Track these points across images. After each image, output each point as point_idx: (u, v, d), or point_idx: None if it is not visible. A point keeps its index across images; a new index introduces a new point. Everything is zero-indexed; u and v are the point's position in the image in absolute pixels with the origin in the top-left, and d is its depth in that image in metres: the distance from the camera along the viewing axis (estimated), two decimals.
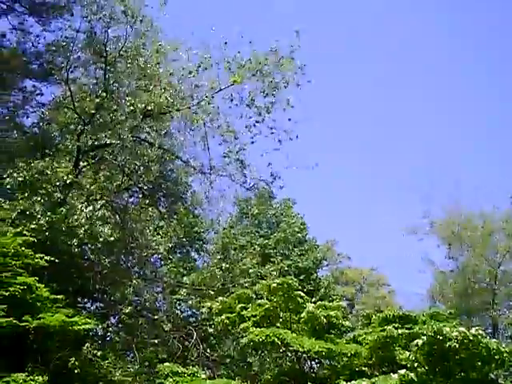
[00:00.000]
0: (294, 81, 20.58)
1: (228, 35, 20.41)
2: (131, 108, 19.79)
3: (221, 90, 20.75)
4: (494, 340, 16.30)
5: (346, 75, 67.26)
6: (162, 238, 24.71)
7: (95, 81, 20.89)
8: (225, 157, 21.61)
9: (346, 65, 65.64)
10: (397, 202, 60.82)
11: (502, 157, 60.20)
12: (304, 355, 18.88)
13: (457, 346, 14.83)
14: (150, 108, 19.77)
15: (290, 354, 19.51)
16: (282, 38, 20.56)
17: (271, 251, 32.97)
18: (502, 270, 35.28)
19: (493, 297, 34.44)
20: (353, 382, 15.00)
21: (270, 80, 20.58)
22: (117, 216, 21.64)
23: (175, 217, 24.38)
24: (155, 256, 25.11)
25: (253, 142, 21.17)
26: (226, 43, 20.38)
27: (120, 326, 23.26)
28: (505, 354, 15.50)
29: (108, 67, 20.11)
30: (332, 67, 56.31)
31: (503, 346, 15.84)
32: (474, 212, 36.65)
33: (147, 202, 23.08)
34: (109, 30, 19.78)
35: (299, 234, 36.17)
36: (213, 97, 20.55)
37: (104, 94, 19.72)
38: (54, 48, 20.94)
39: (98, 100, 19.71)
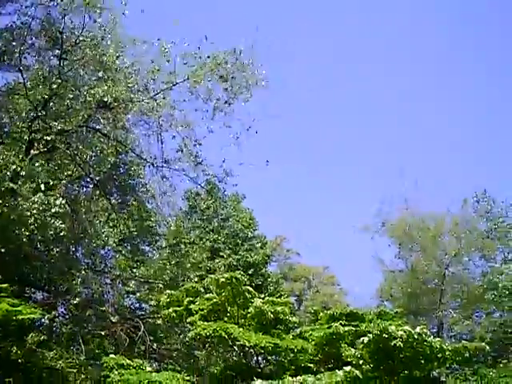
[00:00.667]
0: (252, 80, 20.67)
1: (191, 33, 20.49)
2: (86, 97, 19.58)
3: (177, 83, 20.68)
4: (438, 339, 16.76)
5: (304, 74, 67.65)
6: (112, 229, 24.62)
7: (50, 68, 20.54)
8: (178, 151, 21.57)
9: (302, 64, 65.96)
10: (354, 203, 61.64)
11: (460, 161, 61.53)
12: (251, 350, 19.04)
13: (401, 344, 15.18)
14: (105, 99, 19.58)
15: (236, 349, 19.64)
16: (248, 36, 20.68)
17: (221, 246, 33.05)
18: (450, 271, 36.03)
19: (440, 297, 35.17)
20: (298, 377, 15.16)
21: (229, 77, 20.61)
22: (67, 206, 21.40)
23: (126, 209, 24.25)
24: (105, 248, 24.95)
25: (211, 132, 21.09)
26: (185, 39, 20.36)
27: (67, 316, 23.06)
28: (447, 353, 15.99)
29: (64, 55, 19.82)
30: (289, 65, 56.61)
31: (446, 344, 16.34)
32: (426, 213, 37.28)
33: (98, 192, 22.88)
34: (65, 18, 19.46)
35: (248, 229, 36.28)
36: (171, 88, 20.46)
37: (59, 82, 19.42)
38: (6, 34, 20.51)
39: (51, 88, 19.42)
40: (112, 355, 17.68)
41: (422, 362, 16.30)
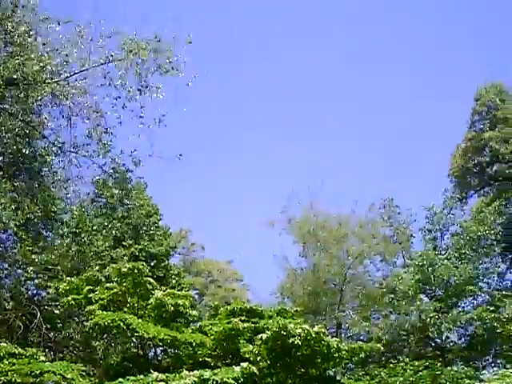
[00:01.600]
0: (169, 70, 20.48)
1: (110, 17, 20.08)
2: None
3: (91, 67, 20.24)
4: (335, 339, 17.23)
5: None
6: (14, 213, 23.83)
7: None
8: (88, 137, 21.13)
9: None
10: (261, 199, 62.04)
11: (368, 166, 63.07)
12: (149, 342, 18.93)
13: (299, 342, 15.53)
14: (14, 76, 18.92)
15: (135, 340, 19.48)
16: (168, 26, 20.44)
17: (124, 235, 32.53)
18: (351, 272, 36.79)
19: (340, 298, 35.95)
20: (195, 372, 15.14)
21: (144, 65, 20.35)
22: None
23: (30, 193, 23.55)
24: (6, 232, 24.14)
25: (120, 123, 20.77)
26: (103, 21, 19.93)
27: None
28: (343, 352, 16.47)
29: None
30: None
31: (343, 344, 16.79)
32: (331, 214, 37.80)
33: (1, 174, 22.12)
34: None
35: (152, 219, 35.85)
36: (85, 72, 19.96)
37: None
38: None
39: None
40: (3, 343, 17.10)
41: (319, 360, 16.73)
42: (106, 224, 31.05)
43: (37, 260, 23.18)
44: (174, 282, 32.71)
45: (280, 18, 69.84)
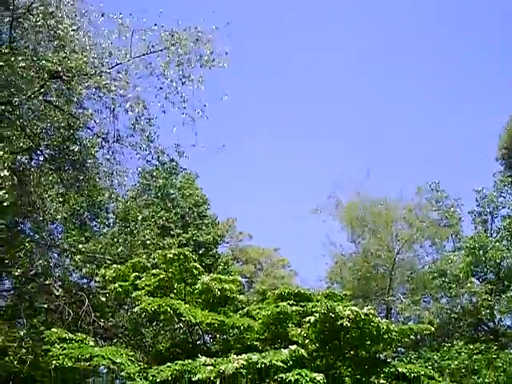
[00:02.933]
0: (210, 62, 20.41)
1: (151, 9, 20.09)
2: (39, 67, 19.09)
3: (133, 58, 20.29)
4: (385, 320, 16.94)
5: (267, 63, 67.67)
6: (61, 204, 24.19)
7: None
8: (131, 128, 21.24)
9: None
10: (307, 186, 61.82)
11: (412, 152, 62.25)
12: (197, 327, 18.98)
13: (348, 324, 15.31)
14: (59, 69, 19.10)
15: (182, 326, 19.58)
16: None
17: (171, 225, 32.77)
18: (400, 257, 36.40)
19: (389, 282, 35.57)
20: (243, 355, 15.12)
21: (186, 56, 20.31)
22: (14, 177, 20.91)
23: (77, 185, 23.84)
24: (54, 222, 24.53)
25: (164, 112, 20.80)
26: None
27: (9, 290, 22.65)
28: (393, 334, 16.17)
29: (15, 22, 19.27)
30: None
31: (393, 326, 16.50)
32: (379, 198, 37.43)
33: (49, 166, 22.44)
34: None
35: (200, 208, 36.07)
36: (127, 63, 20.03)
37: (8, 50, 18.91)
38: None
39: (1, 55, 18.88)
40: (54, 329, 17.39)
41: (368, 342, 16.48)
42: (153, 214, 31.32)
43: (84, 249, 23.49)
44: (221, 269, 32.83)
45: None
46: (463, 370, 24.06)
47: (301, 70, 70.24)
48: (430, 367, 23.01)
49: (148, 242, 26.05)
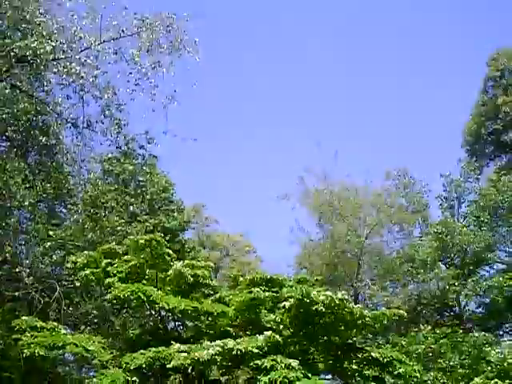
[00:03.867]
0: (181, 49, 20.19)
1: None
2: (4, 51, 18.63)
3: (103, 42, 19.94)
4: (359, 305, 17.08)
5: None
6: (28, 191, 23.77)
7: None
8: (101, 114, 20.92)
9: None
10: (274, 172, 62.01)
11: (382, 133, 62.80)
12: (168, 314, 18.90)
13: (323, 309, 15.38)
14: (26, 54, 18.67)
15: (154, 313, 19.45)
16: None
17: (137, 211, 32.36)
18: (368, 242, 36.69)
19: (357, 268, 35.87)
20: (218, 341, 15.13)
21: (157, 41, 20.03)
22: None
23: (44, 170, 23.46)
24: (21, 209, 24.10)
25: (133, 100, 20.52)
26: None
27: None
28: (367, 319, 16.33)
29: None
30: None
31: (366, 312, 16.65)
32: (347, 183, 37.72)
33: (15, 152, 22.02)
34: None
35: (165, 194, 35.65)
36: (96, 48, 19.65)
37: None
38: None
39: None
40: (24, 317, 17.14)
41: (342, 328, 16.61)
42: (119, 200, 30.95)
43: (53, 235, 23.16)
44: (188, 255, 32.64)
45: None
46: (430, 355, 24.35)
47: (269, 54, 70.30)
48: (397, 352, 23.36)
49: (118, 228, 25.82)
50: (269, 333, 15.22)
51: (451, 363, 23.11)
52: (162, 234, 19.81)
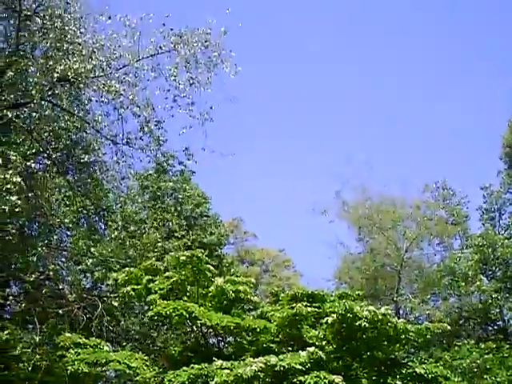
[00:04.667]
0: (219, 64, 20.24)
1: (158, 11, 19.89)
2: (46, 71, 18.90)
3: (141, 59, 20.09)
4: (401, 320, 16.84)
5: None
6: (68, 207, 24.04)
7: (6, 37, 19.80)
8: (140, 130, 21.06)
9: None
10: (313, 186, 61.82)
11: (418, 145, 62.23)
12: (210, 330, 18.85)
13: (366, 324, 15.21)
14: (67, 73, 18.91)
15: (195, 329, 19.42)
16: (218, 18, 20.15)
17: (175, 226, 32.41)
18: (408, 256, 36.25)
19: (397, 281, 35.45)
20: (261, 358, 15.01)
21: (194, 58, 20.11)
22: (22, 182, 20.72)
23: (83, 187, 23.68)
24: (61, 226, 24.36)
25: (172, 116, 20.64)
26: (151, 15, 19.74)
27: (21, 295, 22.50)
28: (411, 334, 16.08)
29: (21, 25, 19.09)
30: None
31: (409, 326, 16.39)
32: (386, 197, 37.37)
33: (55, 169, 22.27)
34: None
35: (201, 208, 35.61)
36: (134, 65, 19.82)
37: (15, 53, 18.75)
38: None
39: (8, 58, 18.72)
40: (68, 334, 17.27)
41: (385, 343, 16.37)
42: (157, 216, 31.12)
43: (94, 252, 23.34)
44: (226, 270, 32.58)
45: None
46: (475, 370, 23.89)
47: (304, 68, 70.35)
48: (441, 367, 22.92)
49: (159, 244, 25.92)
50: (312, 349, 15.08)
51: (498, 379, 22.64)
52: (202, 250, 19.79)
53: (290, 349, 17.59)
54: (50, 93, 19.40)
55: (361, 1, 66.37)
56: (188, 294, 18.66)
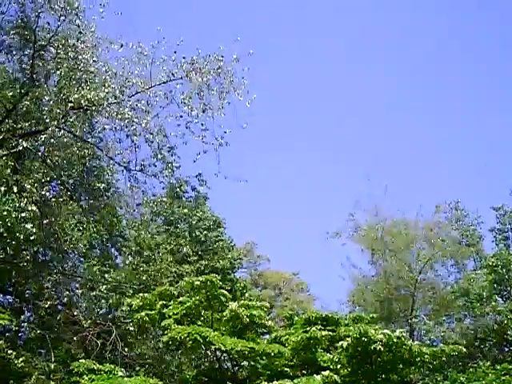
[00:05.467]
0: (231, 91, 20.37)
1: (170, 37, 20.07)
2: (60, 99, 19.15)
3: (154, 86, 20.28)
4: (417, 342, 16.78)
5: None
6: (81, 233, 24.19)
7: (21, 67, 20.12)
8: (153, 157, 21.20)
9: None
10: (325, 208, 61.70)
11: (429, 166, 62.15)
12: (224, 354, 18.84)
13: (381, 348, 15.18)
14: (81, 101, 19.14)
15: (209, 354, 19.42)
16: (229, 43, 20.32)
17: (188, 251, 32.45)
18: (422, 277, 36.02)
19: (412, 303, 35.22)
20: (275, 382, 15.05)
21: (206, 84, 20.24)
22: (36, 209, 20.91)
23: (97, 213, 23.85)
24: (75, 252, 24.51)
25: (185, 143, 20.76)
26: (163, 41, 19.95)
27: (35, 321, 22.60)
28: (426, 356, 16.02)
29: (36, 55, 19.39)
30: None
31: (424, 348, 16.34)
32: (398, 219, 37.27)
33: (69, 196, 22.46)
34: (40, 16, 19.00)
35: (215, 232, 35.69)
36: (149, 89, 19.97)
37: (30, 82, 19.05)
38: None
39: (23, 88, 19.03)
40: (82, 360, 17.31)
41: (400, 365, 16.32)
42: (169, 241, 31.23)
43: (108, 278, 23.43)
44: (241, 295, 32.53)
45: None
46: None
47: (315, 88, 70.65)
48: None
49: (173, 269, 26.00)
50: (326, 372, 15.13)
51: None
52: (216, 275, 19.81)
53: (304, 372, 17.62)
54: (63, 120, 19.61)
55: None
56: (202, 318, 18.76)
